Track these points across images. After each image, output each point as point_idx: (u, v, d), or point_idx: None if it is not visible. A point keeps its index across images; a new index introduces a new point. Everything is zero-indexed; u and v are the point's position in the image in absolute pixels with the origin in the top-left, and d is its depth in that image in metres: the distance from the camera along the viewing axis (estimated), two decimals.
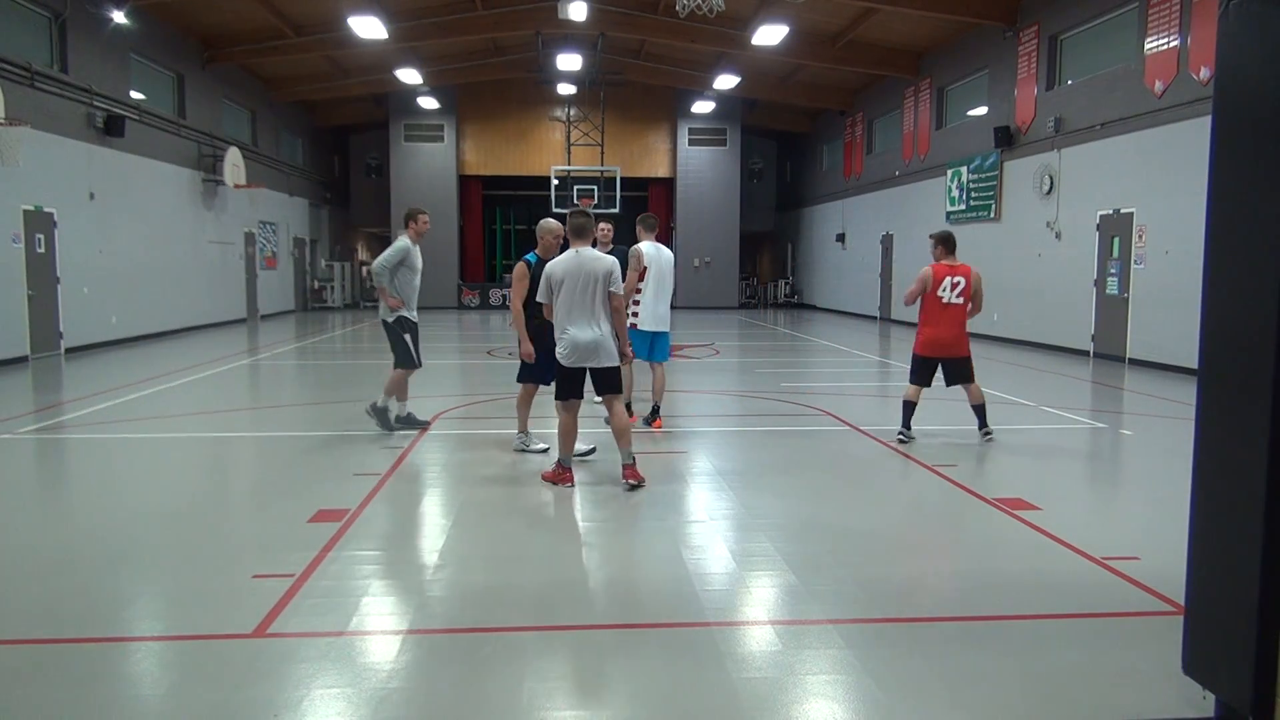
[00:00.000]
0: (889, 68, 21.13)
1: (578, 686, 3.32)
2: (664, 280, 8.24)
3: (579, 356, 5.99)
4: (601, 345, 6.00)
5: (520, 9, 20.36)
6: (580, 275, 5.92)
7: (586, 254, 5.99)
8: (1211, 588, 2.90)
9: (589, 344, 5.95)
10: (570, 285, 5.91)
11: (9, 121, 12.17)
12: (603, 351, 6.02)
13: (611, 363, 6.08)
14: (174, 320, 18.29)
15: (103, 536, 5.19)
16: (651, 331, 8.25)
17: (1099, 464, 7.54)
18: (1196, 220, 3.42)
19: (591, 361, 6.01)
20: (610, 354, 6.06)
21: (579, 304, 5.93)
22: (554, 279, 5.97)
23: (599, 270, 5.95)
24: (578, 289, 5.92)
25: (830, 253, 27.58)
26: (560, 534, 5.25)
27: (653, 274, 8.16)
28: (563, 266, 5.96)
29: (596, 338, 5.96)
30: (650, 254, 8.16)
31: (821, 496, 6.17)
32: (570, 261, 5.96)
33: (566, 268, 5.94)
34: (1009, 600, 4.22)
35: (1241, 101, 2.75)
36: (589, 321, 5.95)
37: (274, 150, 24.40)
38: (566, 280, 5.92)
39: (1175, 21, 12.35)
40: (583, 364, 6.03)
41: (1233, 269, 2.80)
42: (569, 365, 6.03)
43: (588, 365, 6.04)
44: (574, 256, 5.98)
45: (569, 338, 5.96)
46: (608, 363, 6.06)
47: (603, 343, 6.00)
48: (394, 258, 7.77)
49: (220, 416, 9.29)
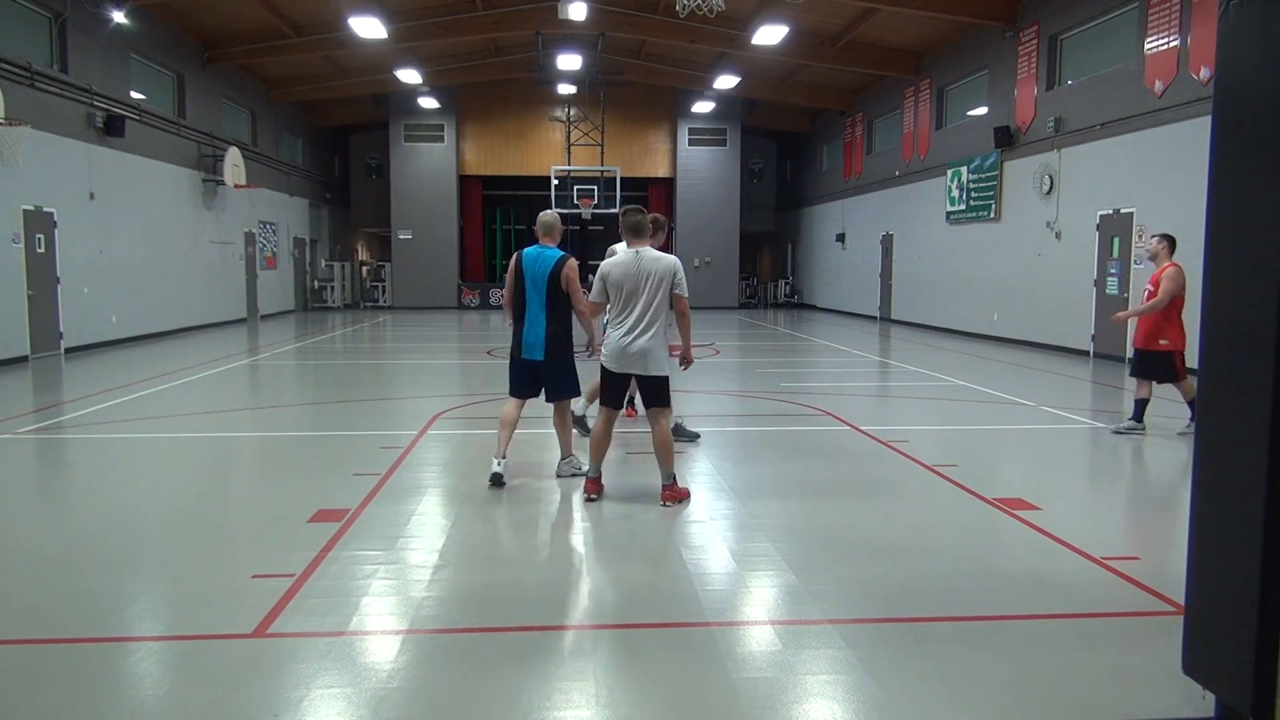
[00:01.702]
0: (889, 68, 21.14)
1: (577, 686, 3.32)
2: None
3: (626, 362, 5.68)
4: (651, 353, 5.64)
5: (520, 9, 20.36)
6: (637, 276, 5.60)
7: (648, 254, 5.68)
8: (1211, 588, 2.90)
9: (638, 351, 5.62)
10: (626, 286, 5.61)
11: (9, 121, 12.17)
12: (650, 359, 5.65)
13: (660, 371, 5.71)
14: (174, 320, 18.29)
15: (103, 536, 5.19)
16: None
17: (1099, 464, 7.54)
18: (1196, 220, 3.43)
19: (638, 369, 5.68)
20: (659, 362, 5.68)
21: (631, 306, 5.62)
22: (611, 280, 5.65)
23: (659, 271, 5.61)
24: (635, 290, 5.60)
25: (830, 253, 27.58)
26: (560, 534, 5.25)
27: None
28: (621, 267, 5.65)
29: (647, 344, 5.61)
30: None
31: (821, 496, 6.17)
32: (629, 261, 5.65)
33: (626, 268, 5.63)
34: (1009, 600, 4.22)
35: (1241, 101, 2.75)
36: (637, 325, 5.63)
37: (274, 150, 24.40)
38: (626, 283, 5.61)
39: (1175, 21, 12.36)
40: (628, 370, 5.71)
41: (1233, 269, 2.80)
42: (615, 371, 5.74)
43: (632, 372, 5.72)
44: (634, 257, 5.65)
45: (620, 341, 5.64)
46: (655, 371, 5.69)
47: (653, 350, 5.64)
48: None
49: (220, 416, 9.29)
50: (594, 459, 5.91)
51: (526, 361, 6.23)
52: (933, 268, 20.41)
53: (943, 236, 19.84)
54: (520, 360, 6.27)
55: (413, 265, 28.42)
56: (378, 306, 28.64)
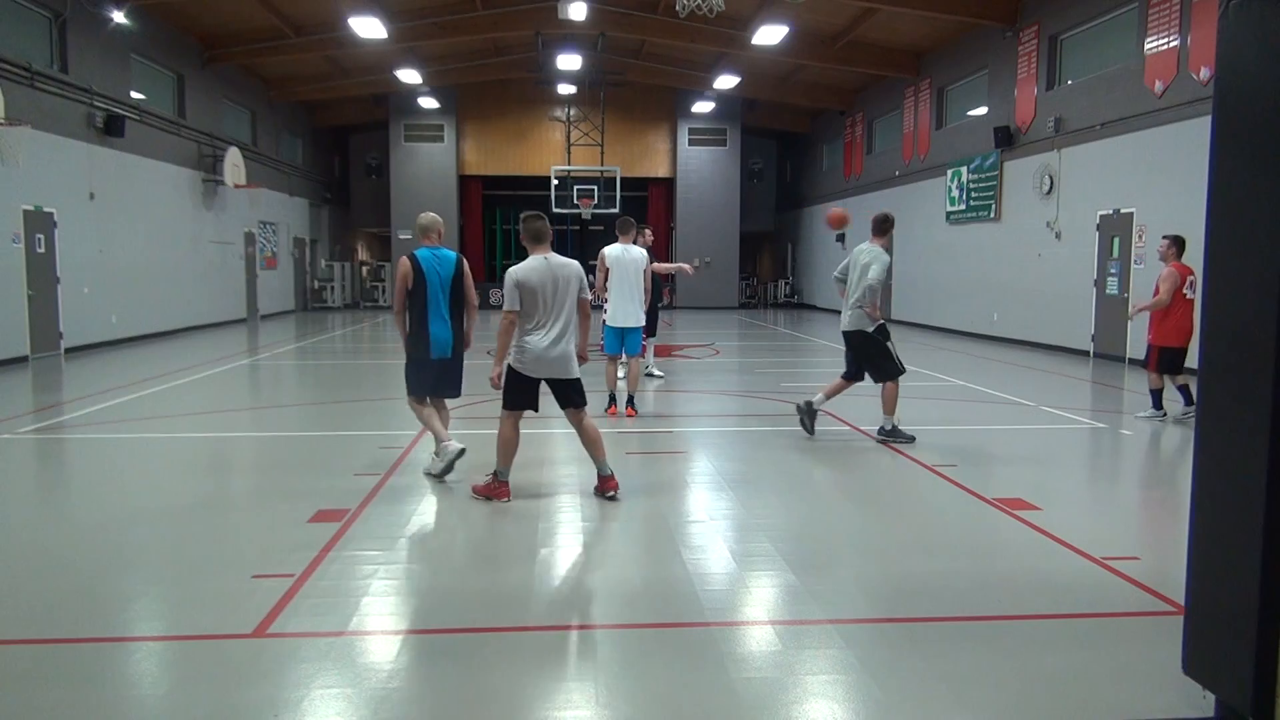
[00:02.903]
0: (889, 68, 21.14)
1: (577, 686, 3.32)
2: (627, 280, 8.73)
3: (543, 368, 5.70)
4: (571, 357, 5.75)
5: (520, 9, 20.36)
6: (553, 281, 5.64)
7: (556, 260, 5.73)
8: (1211, 588, 2.90)
9: (559, 355, 5.68)
10: (544, 293, 5.62)
11: (9, 121, 12.17)
12: (571, 363, 5.75)
13: (576, 374, 5.80)
14: (174, 320, 18.29)
15: (103, 536, 5.19)
16: (621, 328, 8.83)
17: (1099, 464, 7.54)
18: (1196, 220, 3.43)
19: (559, 373, 5.73)
20: (575, 365, 5.78)
21: (552, 312, 5.65)
22: (528, 287, 5.61)
23: (571, 275, 5.71)
24: (552, 296, 5.64)
25: (830, 253, 27.57)
26: (560, 534, 5.25)
27: (615, 275, 8.74)
28: (537, 274, 5.62)
29: (566, 349, 5.71)
30: (614, 255, 8.79)
31: (821, 496, 6.17)
32: (542, 268, 5.66)
33: (541, 275, 5.62)
34: (1009, 600, 4.22)
35: (1241, 101, 2.75)
36: (560, 331, 5.68)
37: (274, 150, 24.40)
38: (541, 289, 5.61)
39: (1175, 21, 12.36)
40: (545, 375, 5.73)
41: (1233, 269, 2.80)
42: (529, 375, 5.74)
43: (551, 377, 5.75)
44: (544, 263, 5.66)
45: (535, 347, 5.63)
46: (576, 374, 5.78)
47: (572, 354, 5.75)
48: (886, 269, 7.61)
49: (220, 416, 9.29)
50: (506, 461, 5.87)
51: (437, 360, 6.33)
52: (933, 268, 20.41)
53: (943, 236, 19.84)
54: (429, 360, 6.34)
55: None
56: (378, 306, 28.64)
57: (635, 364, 8.95)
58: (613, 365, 8.96)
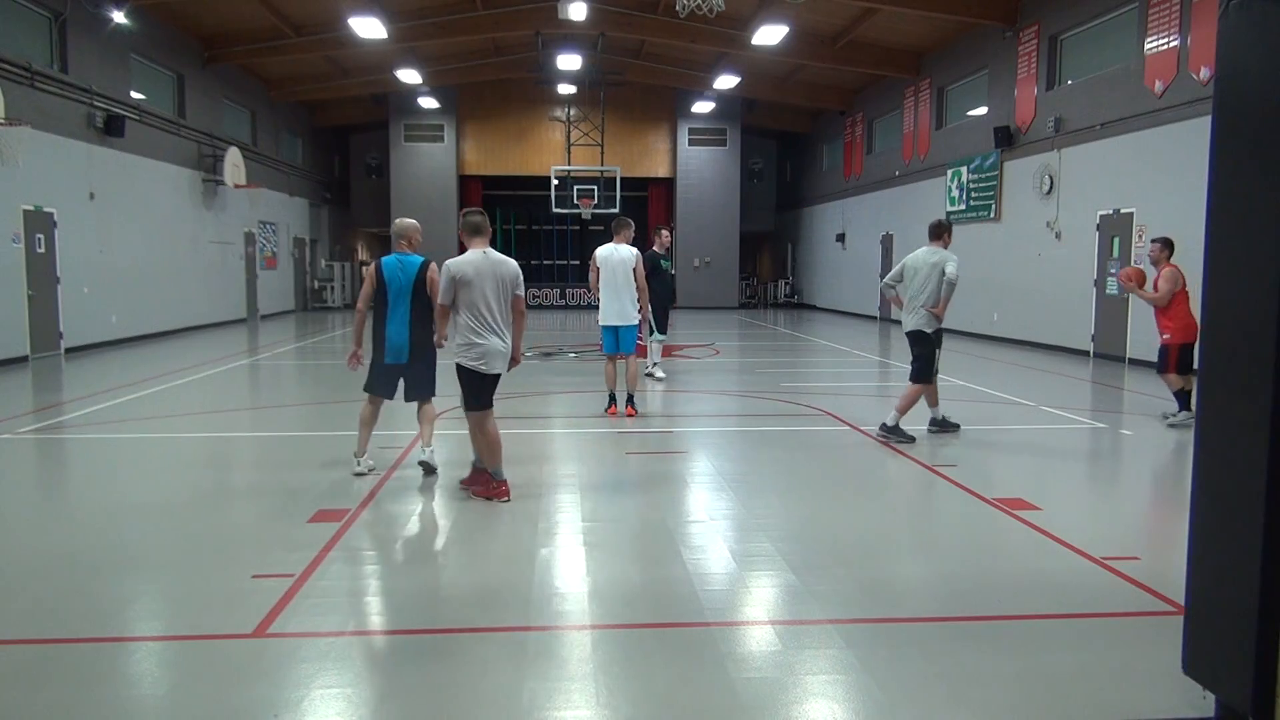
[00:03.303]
0: (889, 68, 21.13)
1: (577, 686, 3.32)
2: (614, 278, 8.80)
3: (494, 361, 5.68)
4: (504, 352, 5.74)
5: (520, 9, 20.36)
6: (492, 277, 5.63)
7: (494, 255, 5.73)
8: (1211, 588, 2.90)
9: (502, 350, 5.69)
10: (481, 287, 5.61)
11: (9, 121, 12.17)
12: (504, 358, 5.75)
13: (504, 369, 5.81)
14: (174, 320, 18.28)
15: (103, 536, 5.19)
16: (615, 326, 8.85)
17: (1099, 464, 7.54)
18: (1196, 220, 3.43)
19: (499, 368, 5.73)
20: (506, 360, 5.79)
21: (493, 307, 5.64)
22: (464, 280, 5.57)
23: (508, 273, 5.70)
24: (492, 291, 5.63)
25: (830, 253, 27.58)
26: (560, 534, 5.25)
27: (603, 274, 8.83)
28: (473, 267, 5.60)
29: (504, 344, 5.71)
30: (603, 255, 8.88)
31: (821, 496, 6.17)
32: (480, 262, 5.63)
33: (479, 269, 5.60)
34: (1009, 600, 4.22)
35: (1241, 101, 2.75)
36: (500, 326, 5.69)
37: (274, 150, 24.40)
38: (478, 281, 5.59)
39: (1175, 21, 12.36)
40: (496, 370, 5.72)
41: (1233, 268, 2.80)
42: (486, 372, 5.69)
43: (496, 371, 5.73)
44: (483, 257, 5.65)
45: (486, 342, 5.62)
46: (502, 369, 5.79)
47: (505, 349, 5.74)
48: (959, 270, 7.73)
49: (220, 416, 9.29)
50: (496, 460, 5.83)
51: (390, 365, 6.38)
52: None
53: None
54: (384, 364, 6.40)
55: None
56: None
57: (632, 363, 8.94)
58: (611, 365, 8.95)
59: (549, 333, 20.03)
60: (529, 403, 10.12)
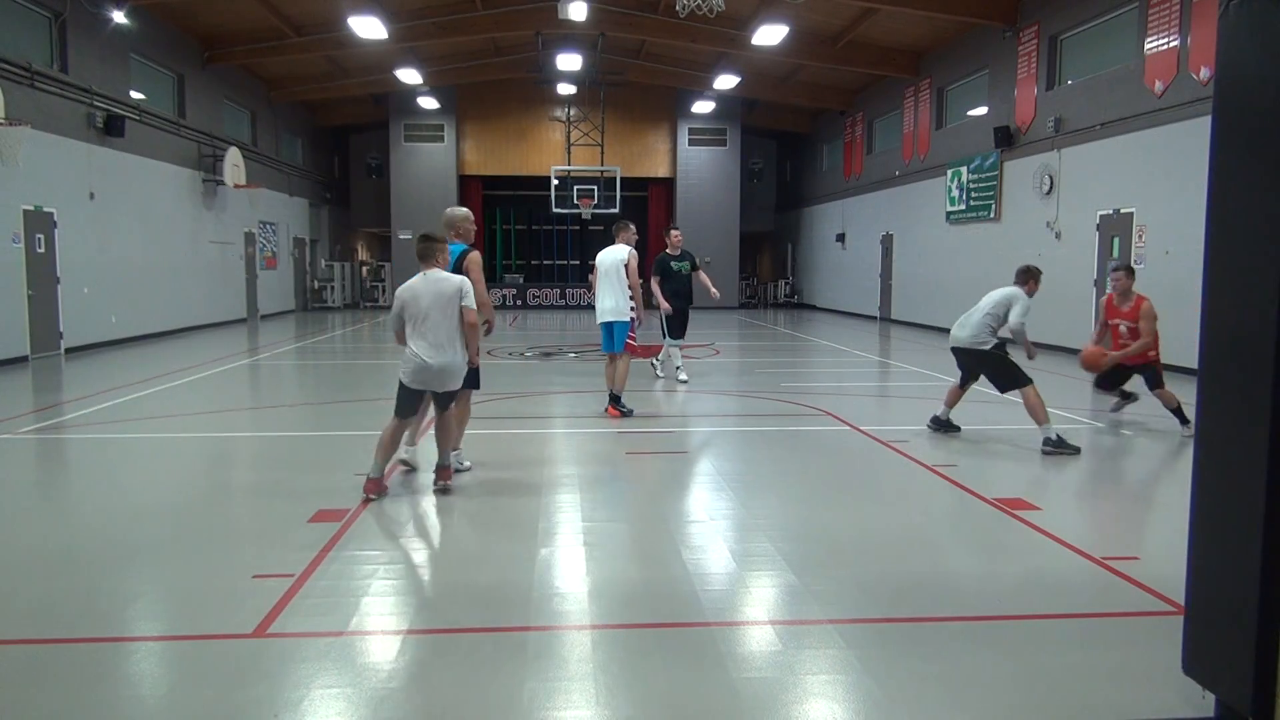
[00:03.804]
0: (889, 68, 21.13)
1: (578, 686, 3.32)
2: (608, 278, 9.01)
3: (423, 379, 5.83)
4: (449, 369, 5.86)
5: (520, 9, 20.36)
6: (428, 295, 5.82)
7: (434, 275, 5.91)
8: (1211, 588, 2.90)
9: (439, 367, 5.80)
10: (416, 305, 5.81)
11: (9, 121, 12.17)
12: (450, 375, 5.89)
13: (456, 386, 5.99)
14: (174, 320, 18.28)
15: (103, 536, 5.19)
16: (608, 322, 8.98)
17: (1099, 464, 7.54)
18: (1196, 220, 3.44)
19: (436, 386, 5.89)
20: (457, 377, 5.94)
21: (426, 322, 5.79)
22: (402, 300, 5.87)
23: (447, 289, 5.85)
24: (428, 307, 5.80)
25: (830, 253, 27.57)
26: (560, 534, 5.24)
27: (600, 272, 9.07)
28: (411, 290, 5.86)
29: (446, 360, 5.82)
30: (600, 256, 9.13)
31: (821, 496, 6.17)
32: (418, 283, 5.88)
33: (415, 290, 5.85)
34: (1009, 600, 4.22)
35: (1241, 101, 2.75)
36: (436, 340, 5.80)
37: (274, 150, 24.39)
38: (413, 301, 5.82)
39: (1175, 21, 12.35)
40: (426, 387, 5.89)
41: (1233, 269, 2.80)
42: (415, 387, 5.89)
43: (431, 389, 5.91)
44: (422, 278, 5.88)
45: (414, 359, 5.80)
46: (453, 386, 5.97)
47: (452, 366, 5.86)
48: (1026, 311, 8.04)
49: (220, 416, 9.29)
50: (382, 458, 5.95)
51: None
52: (933, 268, 20.40)
53: (943, 236, 19.84)
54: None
55: (413, 265, 28.04)
56: (378, 306, 28.63)
57: (621, 362, 8.91)
58: (610, 364, 8.97)
59: (549, 333, 20.03)
60: (529, 403, 10.12)
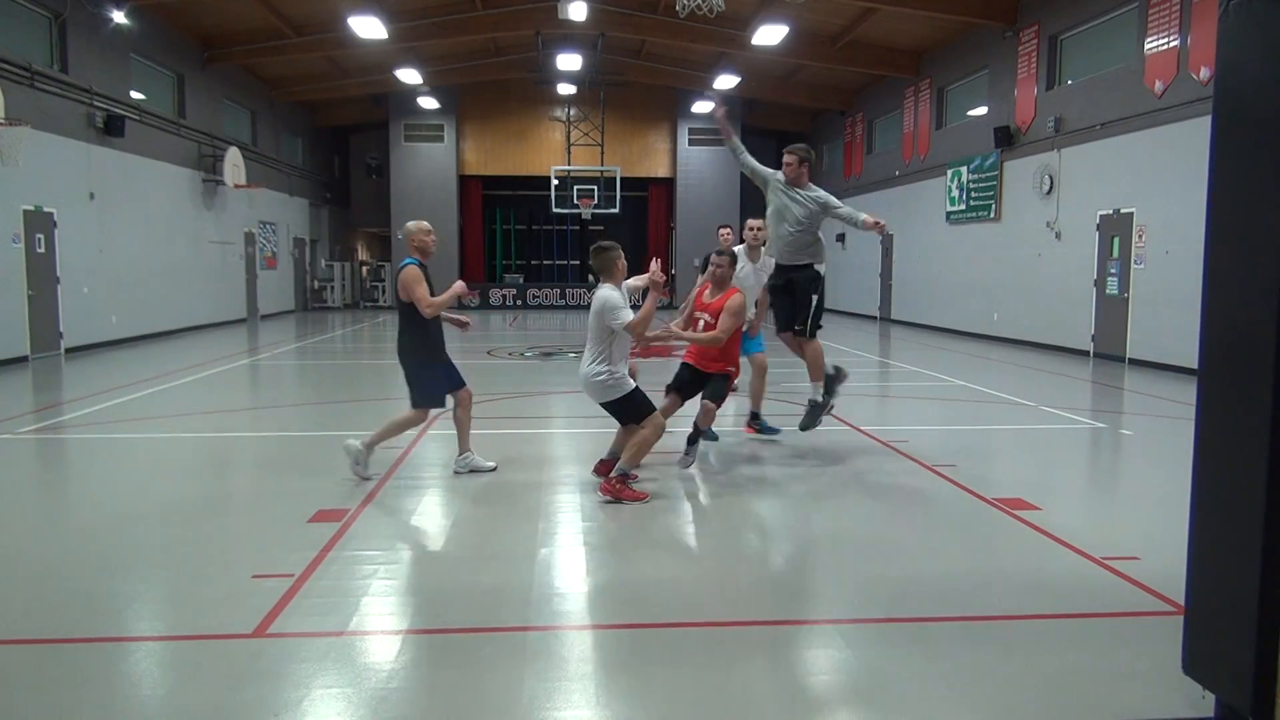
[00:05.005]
0: (889, 68, 21.13)
1: (578, 687, 3.32)
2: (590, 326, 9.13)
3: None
4: (584, 380, 6.30)
5: (520, 9, 20.36)
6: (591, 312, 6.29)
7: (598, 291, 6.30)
8: (1211, 588, 2.90)
9: (580, 377, 6.30)
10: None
11: (9, 121, 12.16)
12: (587, 386, 6.30)
13: (599, 399, 6.28)
14: (174, 320, 18.28)
15: (103, 536, 5.19)
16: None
17: (1099, 464, 7.54)
18: (1196, 220, 3.44)
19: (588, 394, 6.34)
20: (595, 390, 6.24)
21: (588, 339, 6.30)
22: None
23: (594, 307, 6.30)
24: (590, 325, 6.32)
25: (830, 253, 27.55)
26: (560, 534, 5.25)
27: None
28: None
29: (582, 372, 6.33)
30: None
31: (821, 496, 6.17)
32: None
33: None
34: (1009, 600, 4.22)
35: (1241, 101, 2.75)
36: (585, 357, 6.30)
37: (274, 150, 24.39)
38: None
39: (1175, 21, 12.36)
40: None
41: (1233, 269, 2.80)
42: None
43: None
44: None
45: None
46: (596, 398, 6.31)
47: (585, 378, 6.30)
48: None
49: (220, 416, 9.29)
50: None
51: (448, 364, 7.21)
52: (933, 268, 20.41)
53: (943, 236, 19.84)
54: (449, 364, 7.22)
55: None
56: (377, 306, 28.63)
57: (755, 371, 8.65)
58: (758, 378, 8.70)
59: (549, 333, 20.03)
60: (529, 403, 10.12)
